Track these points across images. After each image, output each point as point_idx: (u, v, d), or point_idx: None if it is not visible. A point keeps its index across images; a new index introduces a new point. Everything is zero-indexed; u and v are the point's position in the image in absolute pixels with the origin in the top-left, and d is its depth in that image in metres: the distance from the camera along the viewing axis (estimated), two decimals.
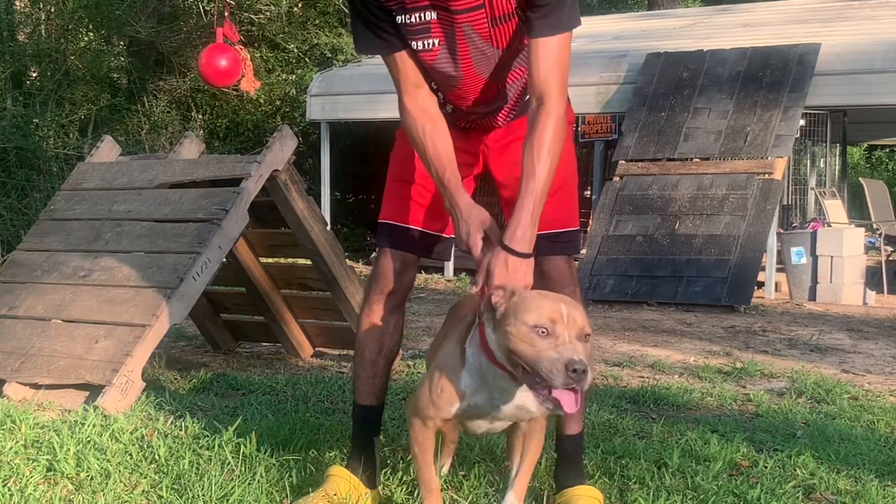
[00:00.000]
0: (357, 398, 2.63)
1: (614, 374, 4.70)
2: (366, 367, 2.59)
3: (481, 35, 2.28)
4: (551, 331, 1.98)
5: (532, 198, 2.19)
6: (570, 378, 1.93)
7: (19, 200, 9.35)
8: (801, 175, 10.28)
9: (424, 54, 2.33)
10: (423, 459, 2.31)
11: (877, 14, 10.43)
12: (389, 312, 2.56)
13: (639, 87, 9.20)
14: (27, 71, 11.38)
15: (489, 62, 2.34)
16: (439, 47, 2.30)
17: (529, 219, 2.18)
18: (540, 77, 2.22)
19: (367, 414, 2.63)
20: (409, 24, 2.28)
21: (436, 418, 2.24)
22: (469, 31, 2.27)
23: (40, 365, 3.74)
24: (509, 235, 2.18)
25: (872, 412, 3.87)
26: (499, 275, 2.15)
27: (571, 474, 2.55)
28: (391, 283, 2.53)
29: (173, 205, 4.14)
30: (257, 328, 5.21)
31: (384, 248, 2.55)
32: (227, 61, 7.10)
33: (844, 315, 7.44)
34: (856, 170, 17.20)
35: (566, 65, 2.25)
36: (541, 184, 2.20)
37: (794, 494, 2.66)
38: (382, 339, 2.58)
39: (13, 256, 4.42)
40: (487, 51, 2.31)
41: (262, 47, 12.93)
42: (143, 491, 2.58)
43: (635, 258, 8.13)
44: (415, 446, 2.31)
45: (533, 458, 2.33)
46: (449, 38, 2.29)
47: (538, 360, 1.97)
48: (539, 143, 2.21)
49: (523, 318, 2.00)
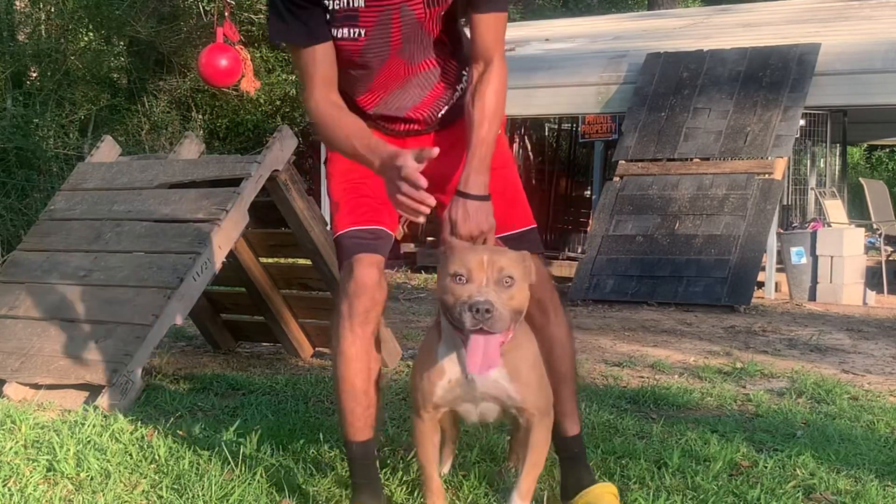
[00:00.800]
0: (353, 436, 2.39)
1: (614, 374, 4.70)
2: (359, 399, 2.36)
3: (416, 15, 2.29)
4: (468, 277, 2.00)
5: (482, 144, 2.28)
6: (474, 318, 1.94)
7: (19, 200, 9.35)
8: (801, 175, 10.28)
9: (347, 43, 2.30)
10: (423, 454, 2.28)
11: (877, 14, 10.42)
12: (372, 333, 2.36)
13: (639, 87, 9.20)
14: (27, 71, 11.39)
15: (413, 44, 2.35)
16: (365, 38, 2.29)
17: (481, 164, 2.26)
18: (487, 46, 2.34)
19: (368, 448, 2.41)
20: (334, 11, 2.25)
21: (427, 405, 2.21)
22: (406, 11, 2.27)
23: (40, 365, 3.74)
24: (463, 181, 2.25)
25: (872, 412, 3.87)
26: (462, 220, 2.19)
27: (584, 474, 2.52)
28: (373, 296, 2.32)
29: (173, 205, 4.14)
30: (257, 328, 5.21)
31: (357, 257, 2.33)
32: (227, 61, 7.10)
33: (844, 315, 7.44)
34: (856, 170, 17.19)
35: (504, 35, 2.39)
36: (489, 129, 2.29)
37: (794, 494, 2.67)
38: (370, 366, 2.37)
39: (13, 256, 4.42)
40: (418, 34, 2.33)
41: (262, 47, 12.94)
42: (143, 491, 2.58)
43: (635, 258, 8.12)
44: (415, 443, 2.30)
45: (535, 458, 2.27)
46: (381, 24, 2.28)
47: (453, 307, 1.98)
48: (486, 94, 2.32)
49: (447, 269, 2.04)
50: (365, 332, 2.34)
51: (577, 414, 2.59)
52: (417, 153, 2.09)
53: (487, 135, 2.29)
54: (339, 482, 2.66)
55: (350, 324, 2.32)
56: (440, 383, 2.18)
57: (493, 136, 2.31)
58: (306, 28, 2.27)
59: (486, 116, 2.30)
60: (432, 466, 2.29)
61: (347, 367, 2.34)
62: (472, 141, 2.28)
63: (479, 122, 2.29)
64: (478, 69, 2.36)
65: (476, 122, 2.30)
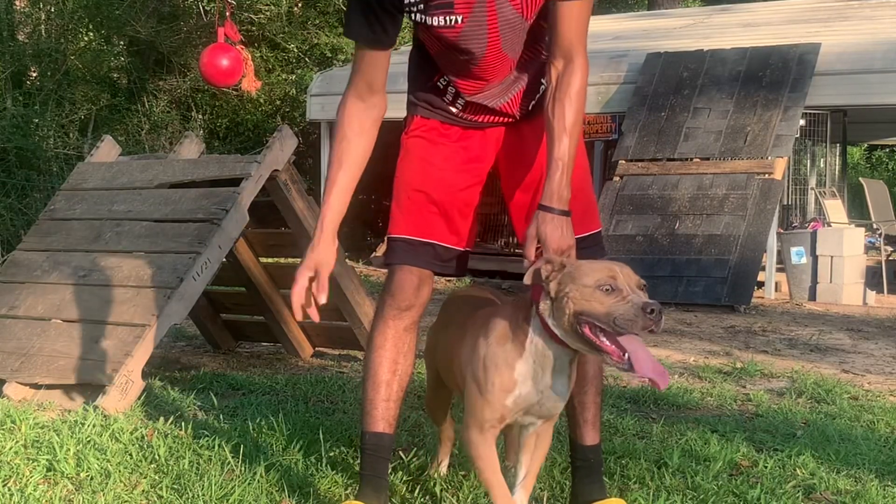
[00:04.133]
0: (369, 426, 2.39)
1: (614, 374, 4.69)
2: (379, 389, 2.38)
3: (513, 5, 2.24)
4: (614, 287, 2.02)
5: (562, 159, 2.21)
6: (648, 319, 1.96)
7: (19, 200, 9.35)
8: (801, 175, 10.27)
9: (445, 31, 2.26)
10: (494, 478, 2.19)
11: (877, 14, 10.42)
12: (405, 330, 2.40)
13: (639, 87, 9.20)
14: (27, 71, 11.39)
15: (515, 35, 2.30)
16: (463, 24, 2.25)
17: (562, 179, 2.20)
18: (569, 38, 2.24)
19: (382, 441, 2.38)
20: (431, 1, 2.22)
21: (492, 419, 2.16)
22: (501, 1, 2.23)
23: (40, 365, 3.74)
24: (548, 196, 2.19)
25: (872, 412, 3.87)
26: (551, 236, 2.16)
27: (596, 487, 2.46)
28: (408, 299, 2.38)
29: (173, 205, 4.13)
30: (257, 328, 5.21)
31: (401, 265, 2.39)
32: (228, 61, 7.10)
33: (844, 315, 7.44)
34: (856, 170, 17.19)
35: (587, 27, 2.29)
36: (569, 143, 2.21)
37: (794, 494, 2.67)
38: (397, 359, 2.39)
39: (13, 256, 4.42)
40: (516, 22, 2.27)
41: (262, 47, 12.94)
42: (143, 491, 2.58)
43: (635, 258, 8.11)
44: (478, 462, 2.19)
45: (543, 457, 2.31)
46: (477, 11, 2.24)
47: (611, 313, 2.00)
48: (565, 102, 2.23)
49: (583, 281, 2.04)
50: (397, 326, 2.38)
51: (599, 423, 2.50)
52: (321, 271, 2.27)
53: (569, 149, 2.21)
54: (339, 482, 2.66)
55: (383, 317, 2.40)
56: (511, 397, 2.15)
57: (573, 149, 2.22)
58: (373, 32, 2.27)
59: (567, 129, 2.21)
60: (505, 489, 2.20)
61: (373, 355, 2.40)
62: (553, 154, 2.21)
63: (559, 136, 2.21)
64: (556, 68, 2.26)
65: (556, 135, 2.22)
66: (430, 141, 2.44)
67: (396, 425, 2.44)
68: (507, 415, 2.17)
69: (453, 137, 2.45)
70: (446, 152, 2.44)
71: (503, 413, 2.16)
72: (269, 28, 12.81)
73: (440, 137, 2.45)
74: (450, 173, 2.43)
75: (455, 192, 2.43)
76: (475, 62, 2.32)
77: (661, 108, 8.94)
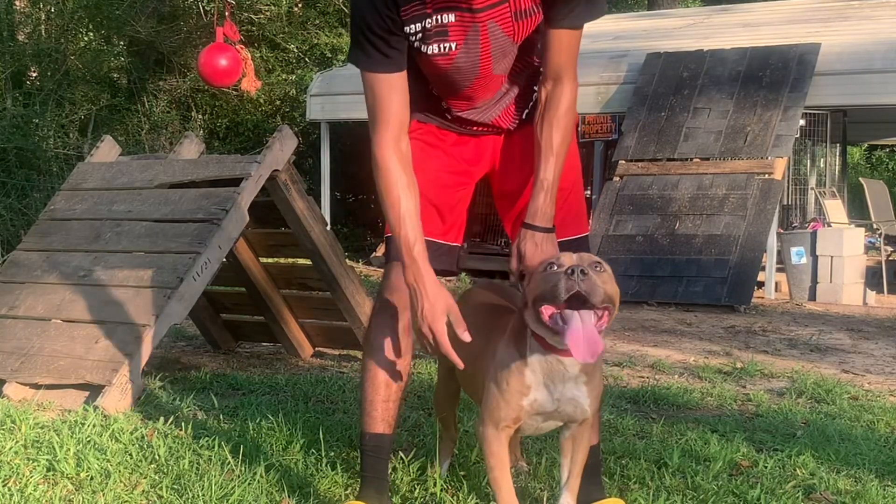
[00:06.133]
0: (369, 426, 2.38)
1: (614, 374, 4.70)
2: (379, 389, 2.37)
3: (504, 31, 2.27)
4: (557, 264, 2.04)
5: (547, 180, 2.26)
6: (570, 280, 1.96)
7: (19, 200, 9.35)
8: (801, 175, 10.27)
9: (440, 59, 2.29)
10: (502, 477, 2.18)
11: (877, 14, 10.42)
12: (403, 330, 2.39)
13: (639, 87, 9.20)
14: (27, 71, 11.40)
15: (506, 57, 2.34)
16: (457, 51, 2.28)
17: (549, 198, 2.26)
18: (560, 62, 2.29)
19: (382, 442, 2.38)
20: (426, 30, 2.24)
21: (507, 418, 2.16)
22: (493, 27, 2.26)
23: (40, 365, 3.74)
24: (531, 214, 2.25)
25: (872, 412, 3.87)
26: (531, 252, 2.22)
27: (594, 488, 2.46)
28: (406, 298, 2.34)
29: (173, 205, 4.14)
30: (257, 328, 5.20)
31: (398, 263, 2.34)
32: (227, 61, 7.09)
33: (844, 315, 7.44)
34: (856, 170, 17.19)
35: (578, 52, 2.34)
36: (556, 164, 2.27)
37: (794, 494, 2.67)
38: (397, 359, 2.38)
39: (13, 256, 4.42)
40: (507, 46, 2.31)
41: (262, 47, 12.94)
42: (143, 491, 2.58)
43: (635, 258, 8.12)
44: (490, 459, 2.19)
45: (584, 458, 2.29)
46: (470, 39, 2.27)
47: (545, 291, 2.01)
48: (553, 123, 2.28)
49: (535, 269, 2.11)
50: (395, 324, 2.37)
51: (599, 423, 2.52)
52: (452, 314, 2.18)
53: (554, 169, 2.27)
54: (339, 482, 2.66)
55: (380, 315, 2.39)
56: (527, 400, 2.15)
57: (559, 170, 2.28)
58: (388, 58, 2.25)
59: (554, 150, 2.27)
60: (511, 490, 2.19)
61: (374, 354, 2.38)
62: (539, 175, 2.27)
63: (545, 157, 2.27)
64: (546, 88, 2.31)
65: (543, 155, 2.28)
66: (426, 143, 2.48)
67: (396, 425, 2.44)
68: (522, 416, 2.17)
69: (449, 142, 2.50)
70: (441, 154, 2.49)
71: (519, 413, 2.16)
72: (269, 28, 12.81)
73: (436, 140, 2.49)
74: (444, 174, 2.47)
75: (448, 190, 2.48)
76: (467, 83, 2.37)
77: (660, 108, 8.94)
